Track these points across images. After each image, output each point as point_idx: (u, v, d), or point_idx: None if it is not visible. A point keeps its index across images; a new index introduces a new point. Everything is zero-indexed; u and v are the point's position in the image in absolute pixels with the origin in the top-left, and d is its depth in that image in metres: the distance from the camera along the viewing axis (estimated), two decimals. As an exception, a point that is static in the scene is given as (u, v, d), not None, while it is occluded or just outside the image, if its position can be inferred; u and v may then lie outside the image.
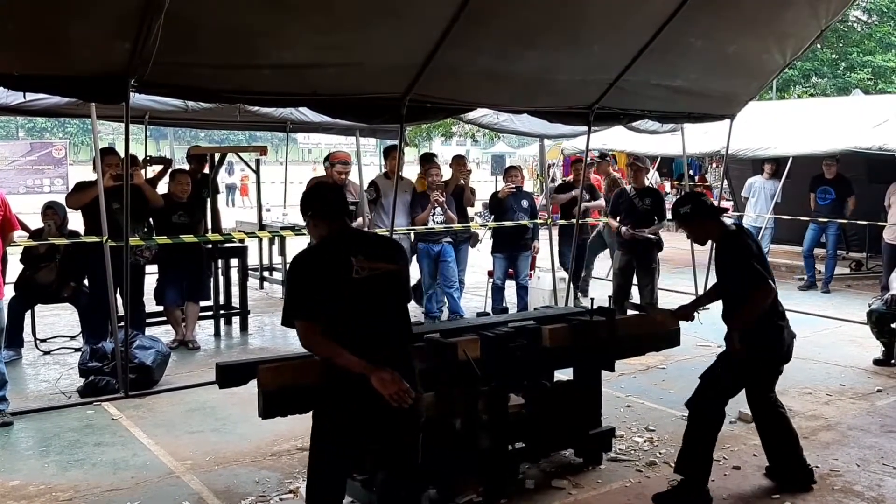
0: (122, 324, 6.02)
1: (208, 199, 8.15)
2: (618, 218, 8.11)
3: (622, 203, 8.12)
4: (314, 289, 2.94)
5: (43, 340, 7.28)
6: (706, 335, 6.13)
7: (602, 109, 7.47)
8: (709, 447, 4.10)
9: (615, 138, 11.30)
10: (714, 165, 16.93)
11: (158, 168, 8.42)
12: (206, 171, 8.38)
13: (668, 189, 18.33)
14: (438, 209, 7.85)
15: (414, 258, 8.05)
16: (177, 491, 4.22)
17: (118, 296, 6.22)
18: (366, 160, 13.01)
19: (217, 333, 7.94)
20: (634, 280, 8.17)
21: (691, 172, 16.14)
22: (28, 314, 7.12)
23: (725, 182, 13.62)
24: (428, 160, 8.48)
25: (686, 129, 9.65)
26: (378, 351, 2.95)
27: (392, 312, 3.10)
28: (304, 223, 3.32)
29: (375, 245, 3.18)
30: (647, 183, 8.66)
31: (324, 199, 3.20)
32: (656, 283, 8.12)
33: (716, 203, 4.36)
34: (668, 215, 7.16)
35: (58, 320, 7.95)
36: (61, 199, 7.26)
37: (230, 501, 4.09)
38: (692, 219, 4.28)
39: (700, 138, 10.55)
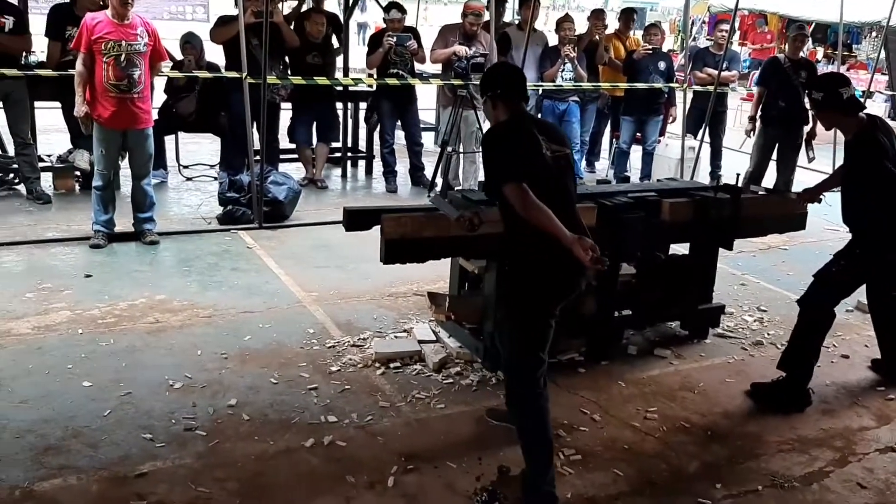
0: (258, 158, 6.35)
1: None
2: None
3: (775, 75, 7.48)
4: (521, 156, 2.97)
5: (185, 167, 7.79)
6: (836, 219, 5.85)
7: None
8: (816, 347, 4.00)
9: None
10: (874, 34, 15.48)
11: (293, 5, 8.49)
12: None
13: (819, 57, 17.03)
14: (569, 65, 7.65)
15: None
16: (304, 319, 4.58)
17: (255, 131, 6.53)
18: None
19: (343, 175, 8.25)
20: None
21: (848, 41, 14.86)
22: (172, 142, 7.59)
23: (883, 54, 12.36)
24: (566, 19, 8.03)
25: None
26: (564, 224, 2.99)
27: (572, 191, 3.16)
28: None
29: (551, 129, 3.26)
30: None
31: (510, 81, 3.19)
32: (796, 161, 7.70)
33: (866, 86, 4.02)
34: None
35: (198, 148, 8.42)
36: (201, 28, 7.46)
37: (350, 333, 4.40)
38: (822, 108, 3.97)
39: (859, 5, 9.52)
